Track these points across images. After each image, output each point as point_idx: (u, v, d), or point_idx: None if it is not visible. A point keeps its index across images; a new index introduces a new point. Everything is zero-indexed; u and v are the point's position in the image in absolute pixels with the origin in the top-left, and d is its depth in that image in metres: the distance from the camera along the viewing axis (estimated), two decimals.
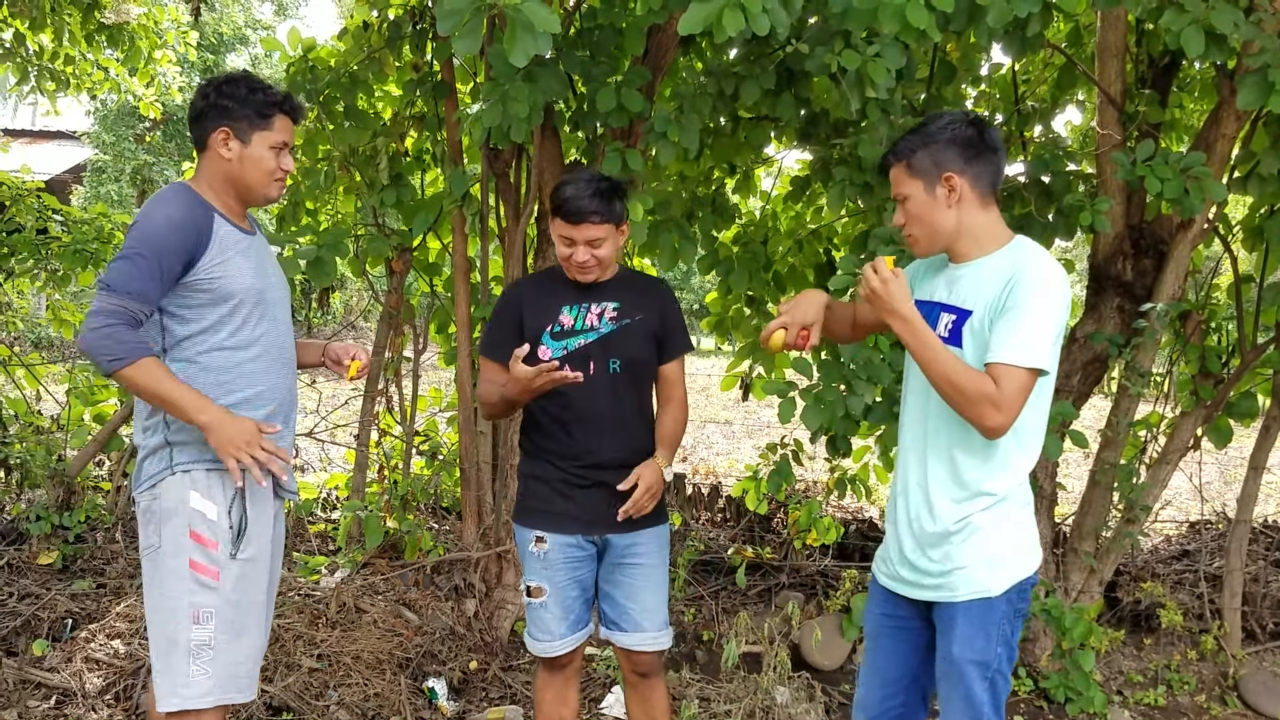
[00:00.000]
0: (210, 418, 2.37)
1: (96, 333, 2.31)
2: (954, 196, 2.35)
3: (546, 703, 3.01)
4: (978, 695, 2.36)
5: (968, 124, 2.37)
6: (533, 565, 2.90)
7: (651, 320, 2.92)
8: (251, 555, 2.51)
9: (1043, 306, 2.25)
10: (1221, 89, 4.01)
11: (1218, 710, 4.21)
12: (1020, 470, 2.38)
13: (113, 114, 18.35)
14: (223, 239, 2.49)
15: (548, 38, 2.90)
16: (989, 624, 2.36)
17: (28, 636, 4.01)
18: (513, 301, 2.95)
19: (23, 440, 5.34)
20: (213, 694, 2.44)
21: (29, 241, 5.35)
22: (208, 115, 2.53)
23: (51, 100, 7.03)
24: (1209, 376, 4.40)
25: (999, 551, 2.36)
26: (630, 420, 2.90)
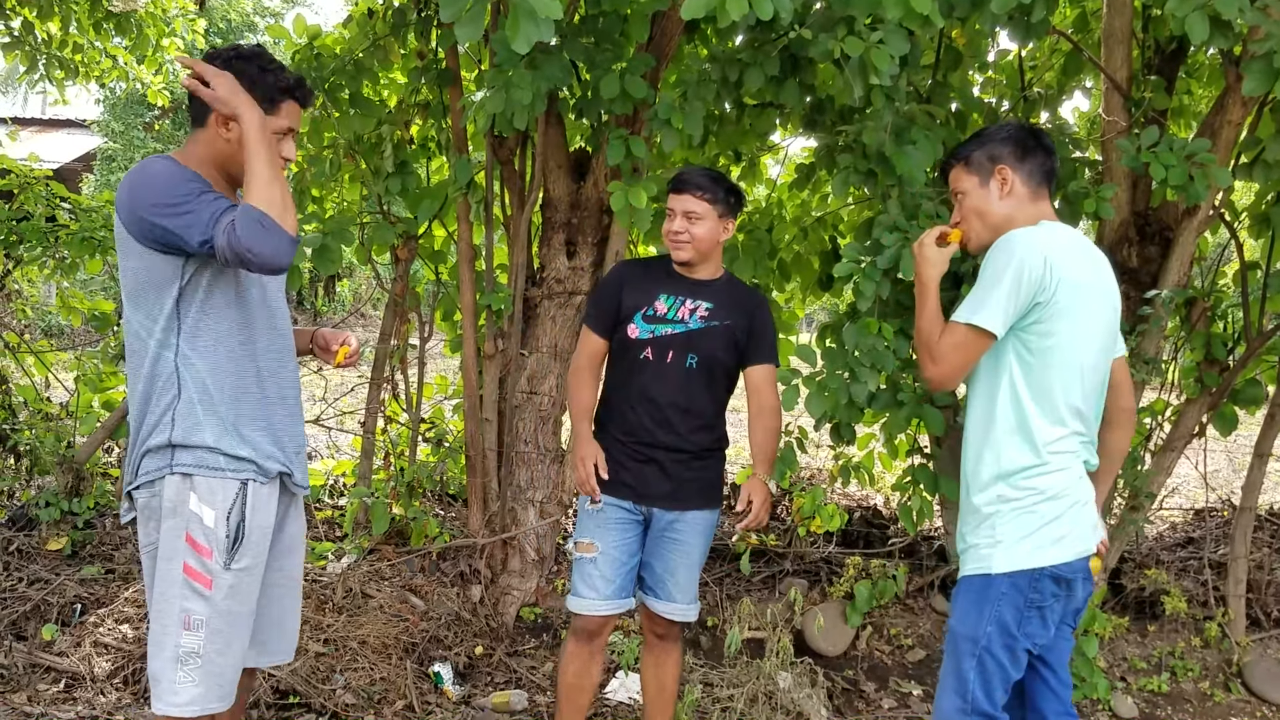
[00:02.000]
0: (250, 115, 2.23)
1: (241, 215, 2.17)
2: (1006, 188, 2.54)
3: (571, 672, 3.15)
4: (964, 670, 2.44)
5: (1021, 128, 2.58)
6: (587, 523, 3.08)
7: (739, 326, 3.08)
8: (246, 565, 2.40)
9: (991, 269, 2.39)
10: (1227, 75, 3.99)
11: (1221, 697, 4.21)
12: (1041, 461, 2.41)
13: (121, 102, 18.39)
14: None
15: (550, 24, 2.90)
16: (984, 601, 2.42)
17: (37, 621, 4.04)
18: (615, 280, 3.17)
19: (32, 427, 5.37)
20: (197, 703, 2.37)
21: (37, 229, 5.37)
22: None
23: (60, 89, 7.04)
24: (1214, 363, 4.39)
25: (1008, 535, 2.42)
26: (694, 413, 3.06)
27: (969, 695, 2.43)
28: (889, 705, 4.05)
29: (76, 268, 5.60)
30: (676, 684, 3.24)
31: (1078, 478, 2.47)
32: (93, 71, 6.98)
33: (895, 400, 3.97)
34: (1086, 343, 2.46)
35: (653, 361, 3.02)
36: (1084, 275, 2.45)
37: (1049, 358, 2.41)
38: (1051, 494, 2.42)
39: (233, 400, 2.40)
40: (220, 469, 2.36)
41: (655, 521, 3.10)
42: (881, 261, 3.70)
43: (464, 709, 3.77)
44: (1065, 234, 2.51)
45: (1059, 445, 2.43)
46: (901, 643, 4.51)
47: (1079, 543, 2.45)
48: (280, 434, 2.50)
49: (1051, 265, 2.36)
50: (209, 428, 2.36)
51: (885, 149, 3.80)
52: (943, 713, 2.49)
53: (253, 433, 2.42)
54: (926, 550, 5.11)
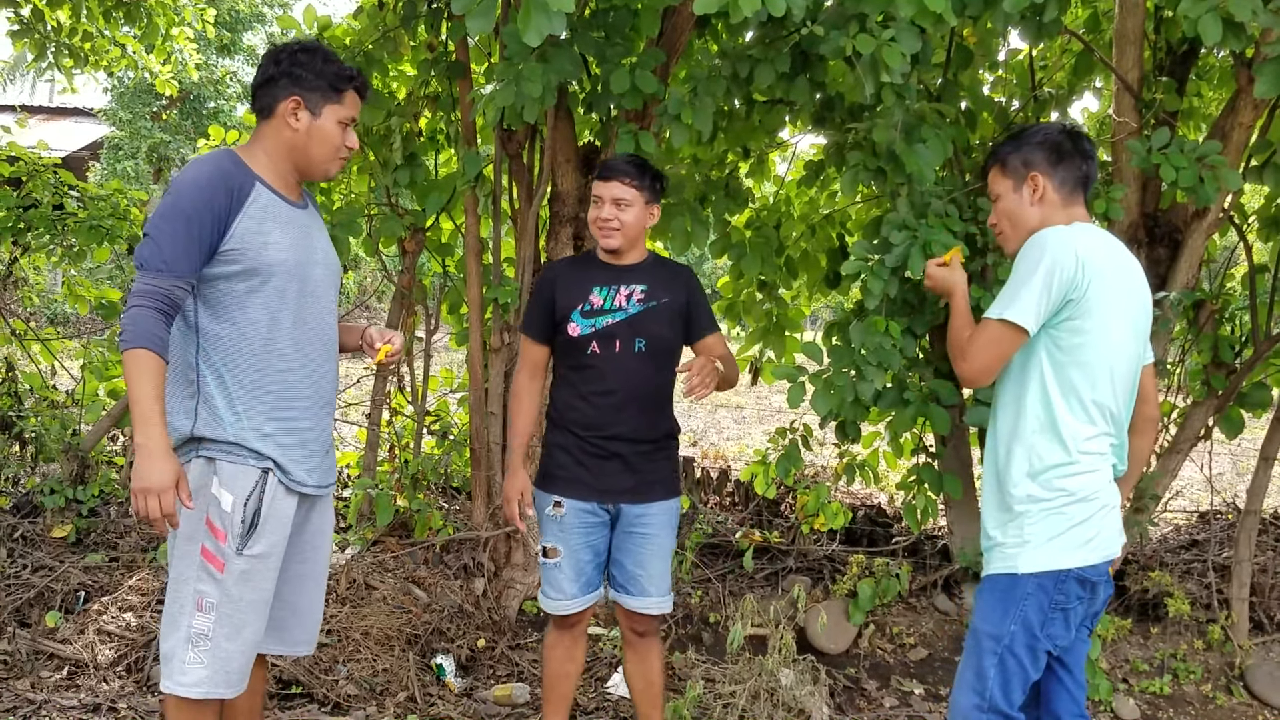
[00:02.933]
0: (146, 441, 2.23)
1: (125, 312, 2.27)
2: (1037, 195, 2.56)
3: (555, 659, 3.19)
4: (986, 668, 2.44)
5: (1060, 132, 2.59)
6: (550, 528, 3.07)
7: (678, 302, 3.10)
8: (260, 552, 2.42)
9: (1024, 266, 2.41)
10: (1239, 77, 3.98)
11: (1224, 700, 4.21)
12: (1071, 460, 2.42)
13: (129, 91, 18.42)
14: (260, 207, 2.40)
15: (562, 17, 2.90)
16: (1010, 600, 2.43)
17: (41, 608, 4.05)
18: (547, 281, 3.15)
19: (38, 415, 5.38)
20: (203, 685, 2.39)
21: (45, 217, 5.38)
22: (278, 82, 2.45)
23: (68, 77, 7.04)
24: (1221, 366, 4.39)
25: (1037, 536, 2.42)
26: (650, 398, 3.07)
27: (987, 693, 2.44)
28: (890, 704, 4.05)
29: (84, 256, 5.61)
30: (662, 676, 3.24)
31: (1107, 481, 2.48)
32: (101, 60, 6.99)
33: (901, 399, 3.97)
34: (1117, 343, 2.46)
35: (600, 354, 3.01)
36: (1116, 276, 2.46)
37: (1080, 355, 2.42)
38: (1081, 495, 2.42)
39: (255, 398, 2.42)
40: (242, 455, 2.40)
41: (623, 518, 3.08)
42: (890, 260, 3.70)
43: (466, 701, 3.78)
44: (1098, 235, 2.52)
45: (1089, 445, 2.43)
46: (904, 641, 4.51)
47: (1106, 546, 2.45)
48: (307, 434, 2.51)
49: (1084, 263, 2.38)
50: (229, 424, 2.39)
51: (895, 147, 3.80)
52: (959, 709, 2.50)
53: (276, 431, 2.44)
54: (930, 549, 5.10)
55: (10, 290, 6.11)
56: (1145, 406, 2.68)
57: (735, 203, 4.92)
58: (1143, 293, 2.57)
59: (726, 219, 4.95)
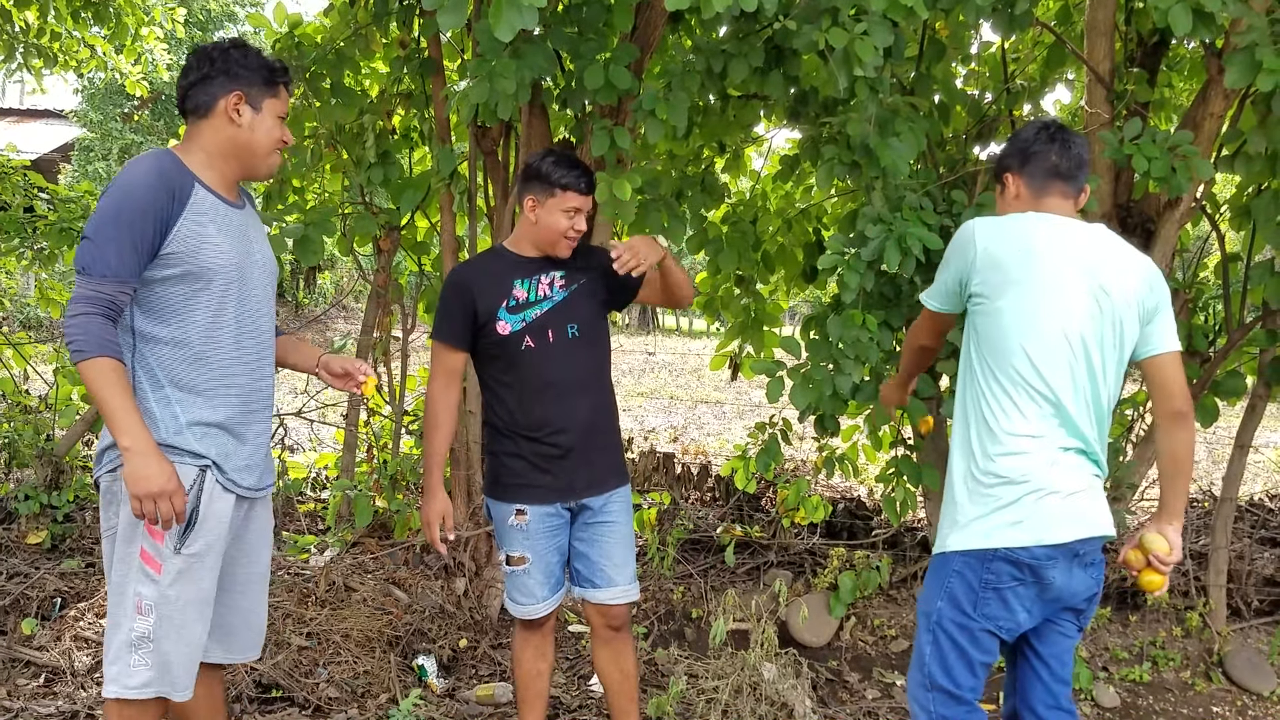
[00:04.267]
0: (134, 443, 2.24)
1: (71, 320, 2.24)
2: (1010, 194, 2.65)
3: (526, 659, 3.14)
4: (922, 644, 2.52)
5: (1036, 128, 2.64)
6: (514, 537, 3.01)
7: (595, 280, 3.07)
8: (198, 551, 2.39)
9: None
10: (1209, 67, 4.01)
11: (1203, 686, 4.25)
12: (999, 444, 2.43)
13: (100, 92, 18.25)
14: (200, 208, 2.38)
15: (534, 12, 2.89)
16: (939, 577, 2.50)
17: (16, 615, 4.01)
18: (461, 287, 3.00)
19: (11, 420, 5.33)
20: (151, 686, 2.37)
21: (15, 220, 5.32)
22: (215, 79, 2.43)
23: (38, 78, 6.98)
24: (1195, 355, 4.42)
25: (964, 516, 2.46)
26: (592, 383, 3.04)
27: (925, 669, 2.49)
28: (873, 695, 4.06)
29: (55, 259, 5.55)
30: (637, 669, 3.22)
31: (1047, 464, 2.39)
32: (71, 61, 6.92)
33: (879, 392, 3.97)
34: (1048, 324, 2.39)
35: (535, 347, 2.95)
36: (1051, 258, 2.41)
37: (995, 337, 2.43)
38: (1009, 478, 2.40)
39: (192, 400, 2.40)
40: (180, 456, 2.38)
41: (585, 511, 3.05)
42: (866, 254, 3.70)
43: (448, 702, 3.76)
44: (1035, 220, 2.47)
45: (1020, 428, 2.40)
46: (885, 633, 4.52)
47: (1039, 530, 2.37)
48: (245, 435, 2.50)
49: (977, 239, 2.48)
50: (165, 425, 2.38)
51: (869, 141, 3.80)
52: (909, 688, 2.58)
53: (213, 432, 2.43)
54: (910, 541, 5.12)
55: None
56: (1162, 401, 2.51)
57: (711, 198, 4.92)
58: (1109, 273, 2.44)
59: (703, 214, 4.94)
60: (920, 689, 2.50)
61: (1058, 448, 2.42)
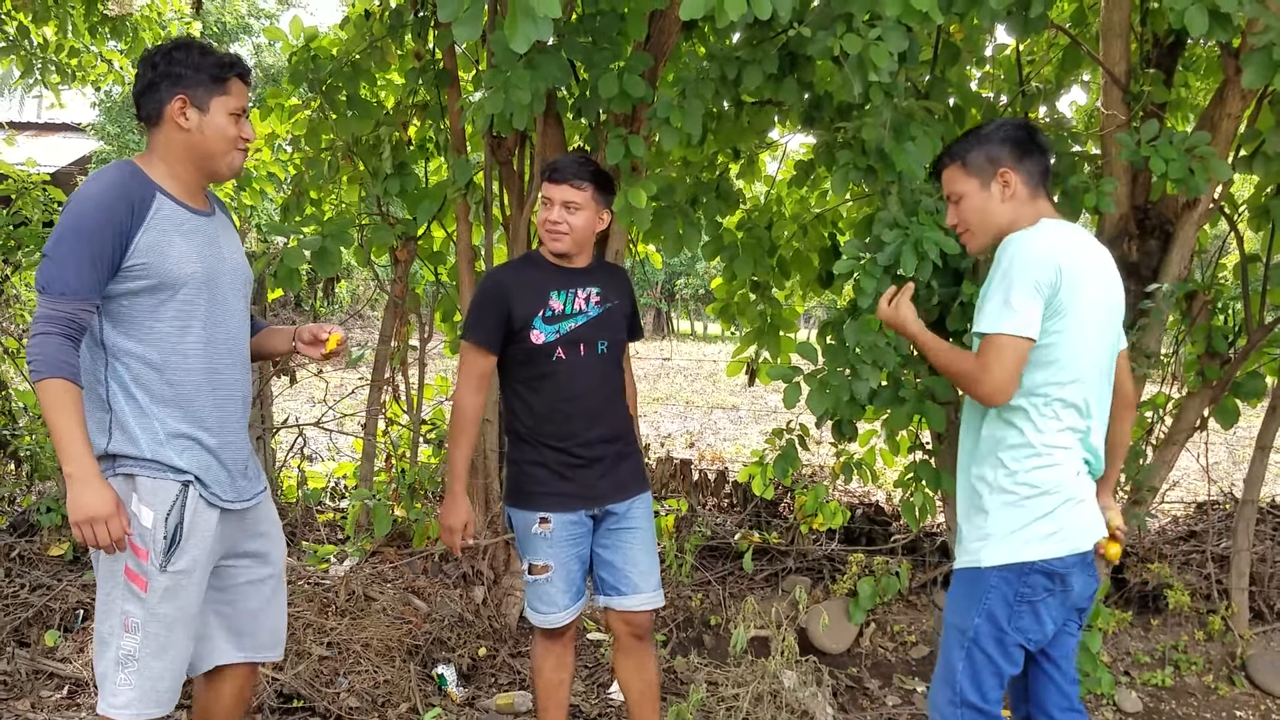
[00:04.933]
0: (76, 470, 2.22)
1: (31, 340, 2.22)
2: (1008, 191, 2.55)
3: (547, 669, 3.15)
4: (954, 660, 2.47)
5: (1017, 126, 2.58)
6: (537, 545, 3.01)
7: (625, 306, 3.15)
8: (184, 568, 2.38)
9: (1009, 275, 2.37)
10: (1226, 68, 3.99)
11: (1225, 690, 4.21)
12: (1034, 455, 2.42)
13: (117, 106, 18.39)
14: (163, 218, 2.34)
15: (549, 23, 2.89)
16: (974, 593, 2.45)
17: (40, 627, 4.03)
18: (499, 289, 3.01)
19: (32, 433, 5.36)
20: (133, 706, 2.37)
21: (35, 235, 5.36)
22: (159, 86, 2.38)
23: (55, 93, 7.03)
24: (1215, 356, 4.39)
25: (997, 529, 2.43)
26: (616, 397, 3.10)
27: (957, 686, 2.46)
28: (893, 702, 4.05)
29: None
30: (659, 678, 3.22)
31: (1074, 474, 2.46)
32: (88, 75, 6.97)
33: (896, 397, 3.96)
34: (1087, 340, 2.45)
35: (566, 360, 2.97)
36: (1086, 273, 2.45)
37: (1049, 355, 2.41)
38: (1044, 489, 2.42)
39: (167, 412, 2.38)
40: (162, 472, 2.36)
41: (609, 518, 3.07)
42: (882, 258, 3.69)
43: (468, 710, 3.77)
44: (1068, 231, 2.50)
45: (1053, 440, 2.43)
46: (905, 639, 4.51)
47: (1072, 539, 2.43)
48: (221, 447, 2.47)
49: (1060, 268, 2.37)
50: (144, 440, 2.35)
51: (884, 145, 3.80)
52: (935, 703, 2.53)
53: (191, 446, 2.40)
54: (929, 546, 5.10)
55: (2, 308, 6.09)
56: (1121, 395, 2.67)
57: (726, 204, 4.92)
58: (1114, 285, 2.56)
59: (718, 220, 4.95)
60: (949, 705, 2.47)
61: (1080, 458, 2.50)
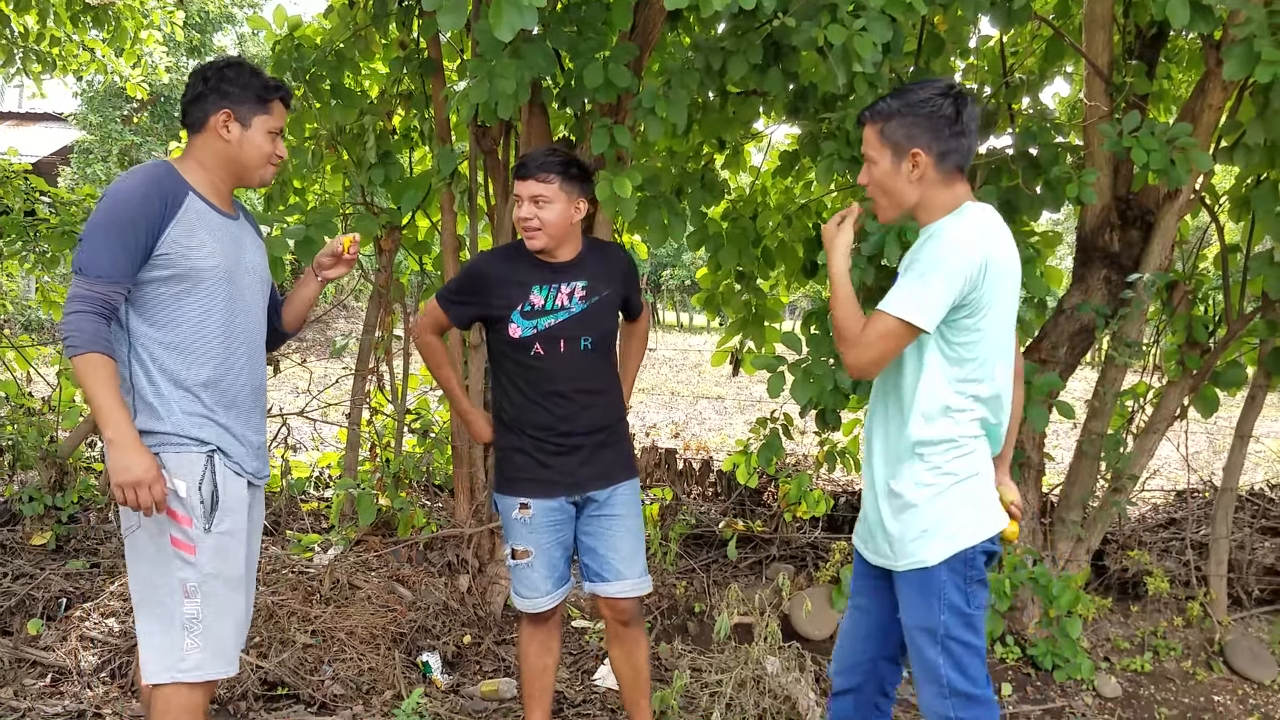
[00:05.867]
0: (117, 436, 2.35)
1: (67, 318, 2.37)
2: (917, 173, 2.42)
3: (532, 654, 3.18)
4: (931, 659, 2.44)
5: (948, 100, 2.39)
6: (518, 530, 3.05)
7: (617, 291, 3.09)
8: (228, 529, 2.52)
9: (926, 262, 2.32)
10: (1208, 60, 4.02)
11: (1204, 676, 4.26)
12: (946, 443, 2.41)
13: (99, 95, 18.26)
14: (193, 215, 2.50)
15: (534, 12, 2.90)
16: (929, 593, 2.43)
17: (22, 616, 4.02)
18: (480, 277, 3.04)
19: (14, 422, 5.34)
20: (203, 667, 2.48)
21: (17, 224, 5.34)
22: (208, 98, 2.57)
23: (37, 83, 6.99)
24: (1195, 346, 4.43)
25: (932, 523, 2.42)
26: (599, 391, 3.07)
27: (943, 680, 2.44)
28: None
29: (57, 262, 5.56)
30: (648, 664, 3.25)
31: (982, 456, 2.48)
32: (70, 65, 6.93)
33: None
34: (1003, 335, 2.44)
35: (545, 355, 2.96)
36: (1005, 264, 2.40)
37: (969, 350, 2.38)
38: (963, 475, 2.42)
39: (184, 395, 2.51)
40: (184, 442, 2.49)
41: (590, 505, 3.07)
42: (866, 248, 3.72)
43: (453, 698, 3.78)
44: (989, 219, 2.42)
45: (970, 428, 2.43)
46: None
47: (997, 515, 2.49)
48: (236, 429, 2.59)
49: (987, 265, 2.31)
50: (165, 416, 2.48)
51: None
52: (927, 707, 2.49)
53: (208, 424, 2.53)
54: None
55: None
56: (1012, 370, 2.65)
57: (711, 194, 4.93)
58: (1019, 266, 2.51)
59: (703, 211, 4.96)
60: (938, 699, 2.44)
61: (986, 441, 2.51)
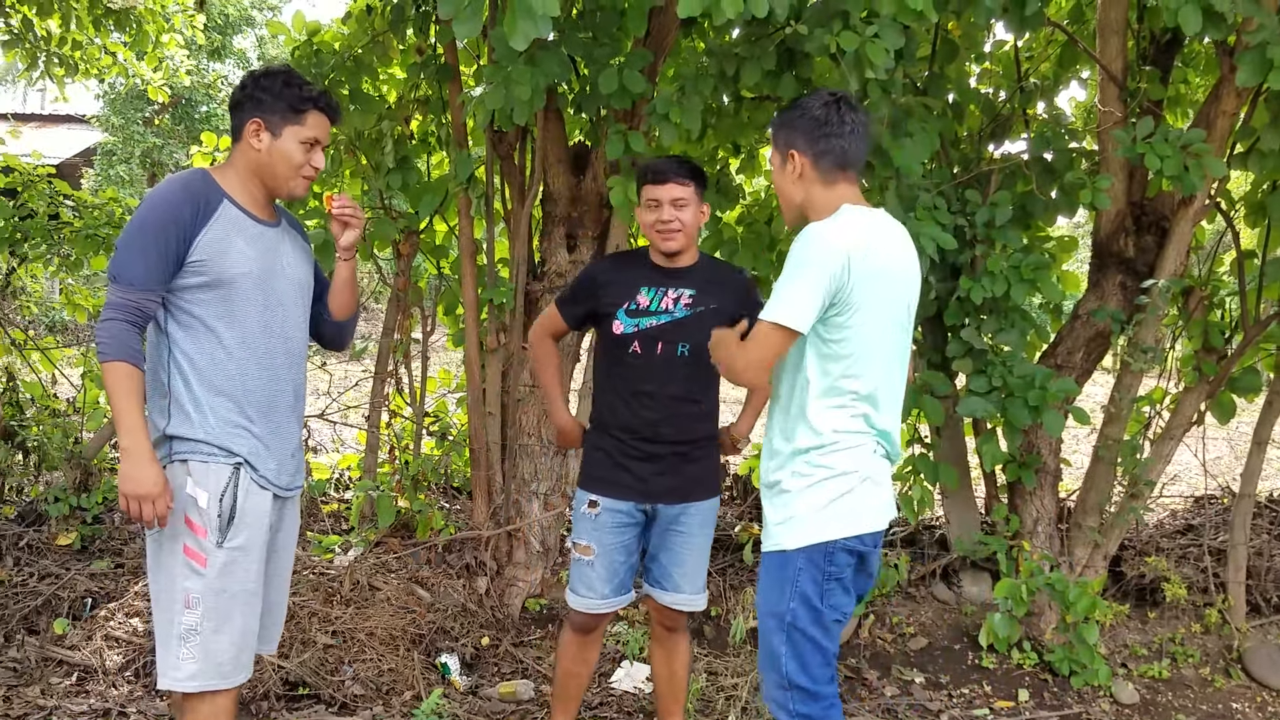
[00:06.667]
0: (131, 446, 2.38)
1: (101, 324, 2.40)
2: (796, 172, 2.50)
3: (567, 658, 3.23)
4: (775, 647, 2.46)
5: (824, 104, 2.48)
6: (584, 526, 3.09)
7: (726, 311, 3.00)
8: (240, 544, 2.51)
9: (793, 264, 2.36)
10: (1222, 65, 4.01)
11: (1222, 683, 4.25)
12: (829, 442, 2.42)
13: (121, 97, 18.39)
14: (227, 221, 2.52)
15: (548, 20, 2.93)
16: (783, 579, 2.45)
17: (48, 615, 4.08)
18: (595, 274, 3.17)
19: (40, 423, 5.41)
20: (197, 679, 2.48)
21: (41, 227, 5.40)
22: (244, 106, 2.59)
23: (60, 86, 7.06)
24: (1212, 352, 4.42)
25: (800, 511, 2.44)
26: (690, 402, 3.06)
27: (784, 670, 2.45)
28: (891, 693, 4.09)
29: (80, 264, 5.63)
30: (687, 671, 3.29)
31: (869, 454, 2.47)
32: (92, 68, 7.01)
33: None
34: (881, 330, 2.44)
35: (642, 355, 3.01)
36: (883, 264, 2.41)
37: (842, 348, 2.40)
38: (840, 471, 2.43)
39: (220, 400, 2.52)
40: (213, 453, 2.50)
41: (660, 516, 3.10)
42: None
43: (471, 699, 3.82)
44: (865, 221, 2.44)
45: (847, 425, 2.43)
46: (904, 631, 4.55)
47: (869, 517, 2.47)
48: (271, 437, 2.60)
49: (850, 264, 2.33)
50: (198, 423, 2.50)
51: (882, 141, 3.83)
52: (767, 694, 2.52)
53: (242, 432, 2.54)
54: (928, 539, 5.15)
55: (9, 300, 6.13)
56: None
57: (726, 199, 4.96)
58: (912, 269, 2.53)
59: (718, 215, 4.98)
60: (778, 689, 2.47)
61: (874, 441, 2.50)
